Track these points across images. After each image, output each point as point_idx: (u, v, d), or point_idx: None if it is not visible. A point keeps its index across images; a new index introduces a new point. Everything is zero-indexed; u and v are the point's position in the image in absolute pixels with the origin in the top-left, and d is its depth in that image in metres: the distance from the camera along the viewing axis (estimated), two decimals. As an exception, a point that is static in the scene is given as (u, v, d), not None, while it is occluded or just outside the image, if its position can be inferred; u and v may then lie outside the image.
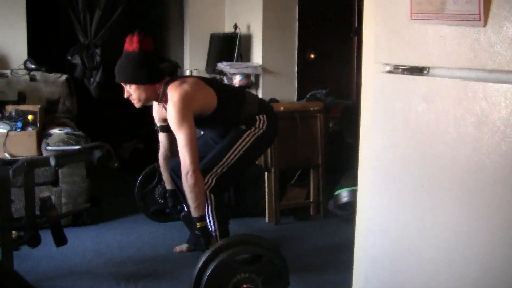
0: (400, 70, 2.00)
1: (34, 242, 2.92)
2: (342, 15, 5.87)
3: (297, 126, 4.49)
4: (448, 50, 1.75)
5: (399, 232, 2.04)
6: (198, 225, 3.15)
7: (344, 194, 4.21)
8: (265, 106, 3.64)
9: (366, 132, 2.26)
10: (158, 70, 3.35)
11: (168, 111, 3.22)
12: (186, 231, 3.86)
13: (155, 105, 3.54)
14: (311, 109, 4.66)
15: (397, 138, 2.02)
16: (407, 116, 1.95)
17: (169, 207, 3.87)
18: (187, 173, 3.11)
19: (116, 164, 3.12)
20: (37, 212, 3.03)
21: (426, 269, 1.91)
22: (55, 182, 4.17)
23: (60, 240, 2.98)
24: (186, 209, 3.54)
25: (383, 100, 2.09)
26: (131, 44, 3.26)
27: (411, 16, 1.86)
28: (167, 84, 3.28)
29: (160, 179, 3.99)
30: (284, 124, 3.81)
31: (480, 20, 1.59)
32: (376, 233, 2.19)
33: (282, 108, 4.46)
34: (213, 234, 3.32)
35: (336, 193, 4.35)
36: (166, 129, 3.54)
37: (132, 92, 3.29)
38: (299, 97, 5.32)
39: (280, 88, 5.29)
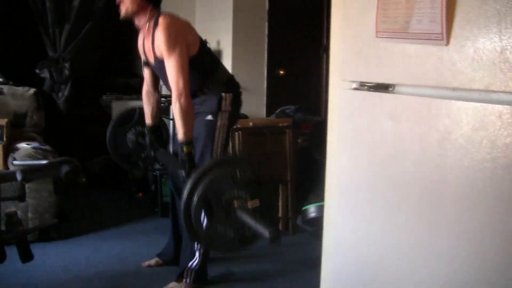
0: (366, 87, 2.02)
1: (0, 258, 2.88)
2: (311, 32, 5.92)
3: (266, 141, 4.52)
4: (412, 68, 1.78)
5: (365, 248, 2.06)
6: (185, 149, 3.10)
7: (311, 210, 4.24)
8: (233, 84, 3.60)
9: (332, 149, 2.28)
10: None
11: (157, 35, 3.19)
12: (154, 247, 3.85)
13: (141, 38, 3.50)
14: (280, 125, 4.69)
15: (363, 154, 2.04)
16: (373, 133, 1.97)
17: (146, 143, 3.74)
18: (180, 95, 3.09)
19: (83, 180, 3.09)
20: (3, 228, 2.99)
21: (391, 283, 1.93)
22: (21, 197, 4.09)
23: (26, 256, 2.93)
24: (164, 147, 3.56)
25: (349, 117, 2.12)
26: None
27: (376, 35, 1.90)
28: (159, 15, 3.26)
29: (135, 123, 3.88)
30: (253, 140, 3.83)
31: (442, 39, 1.63)
32: (343, 249, 2.20)
33: (251, 123, 4.48)
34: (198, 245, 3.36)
35: (304, 208, 4.38)
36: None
37: None
38: (269, 113, 5.35)
39: (250, 103, 5.29)
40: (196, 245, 3.40)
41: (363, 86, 2.04)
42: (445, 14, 1.62)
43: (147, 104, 3.72)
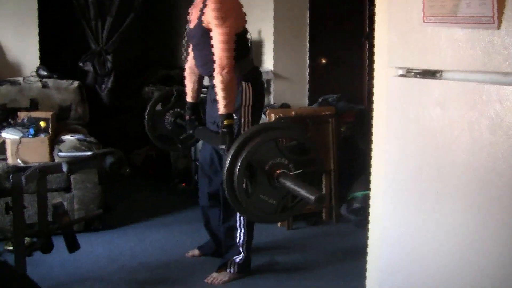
0: (413, 74, 1.98)
1: (47, 248, 2.93)
2: (353, 20, 5.85)
3: (308, 131, 4.48)
4: (461, 53, 1.73)
5: (413, 239, 2.02)
6: (226, 122, 3.06)
7: (357, 199, 4.20)
8: (256, 74, 3.52)
9: (378, 137, 2.24)
10: None
11: (210, 4, 3.14)
12: (197, 236, 3.86)
13: (193, 5, 3.44)
14: (323, 114, 4.65)
15: (411, 143, 2.00)
16: (420, 121, 1.93)
17: (186, 120, 3.71)
18: (223, 69, 3.06)
19: (128, 171, 3.11)
20: (50, 218, 3.04)
21: (441, 278, 1.88)
22: (67, 188, 4.19)
23: (73, 246, 2.98)
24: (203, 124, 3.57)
25: (396, 104, 2.07)
26: None
27: (423, 20, 1.85)
28: None
29: (173, 105, 3.88)
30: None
31: (493, 22, 1.58)
32: (390, 240, 2.16)
33: (293, 113, 4.45)
34: (241, 240, 3.41)
35: (349, 197, 4.34)
36: None
37: None
38: (311, 102, 5.31)
39: (292, 93, 5.29)
40: (239, 230, 3.39)
41: (409, 72, 2.00)
42: (496, -4, 1.56)
43: (189, 81, 3.68)
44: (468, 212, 1.74)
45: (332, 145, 4.62)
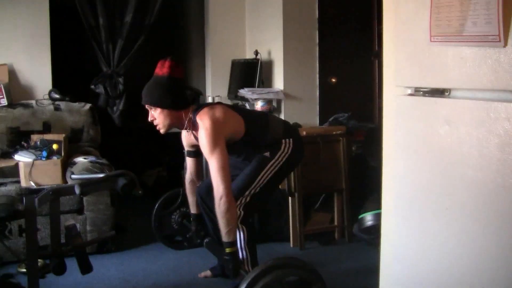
0: (421, 93, 1.99)
1: (60, 270, 2.94)
2: (362, 38, 5.86)
3: (320, 150, 4.49)
4: (468, 71, 1.75)
5: (424, 256, 2.02)
6: (228, 250, 3.12)
7: (368, 218, 4.19)
8: (291, 129, 3.65)
9: (388, 156, 2.25)
10: (185, 98, 3.34)
11: (200, 137, 3.22)
12: (209, 257, 3.86)
13: (184, 132, 3.55)
14: (334, 133, 4.66)
15: (420, 161, 2.01)
16: (429, 139, 1.94)
17: (192, 231, 3.84)
18: (221, 198, 3.09)
19: (140, 192, 3.12)
20: (63, 240, 3.05)
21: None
22: (80, 210, 4.20)
23: (86, 268, 2.99)
24: (210, 235, 3.54)
25: (404, 123, 2.08)
26: (161, 69, 3.29)
27: (430, 39, 1.87)
28: (195, 112, 3.28)
29: (180, 205, 3.99)
30: (307, 149, 3.81)
31: (500, 41, 1.59)
32: (402, 258, 2.16)
33: (304, 132, 4.47)
34: (244, 262, 3.35)
35: (360, 216, 4.32)
36: (194, 154, 3.57)
37: (157, 116, 3.30)
38: (322, 121, 5.31)
39: (302, 112, 5.30)
40: (241, 253, 3.40)
41: (418, 91, 2.01)
42: (501, 15, 1.58)
43: (190, 193, 3.75)
44: (477, 227, 1.75)
45: (343, 164, 4.62)
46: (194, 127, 3.30)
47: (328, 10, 5.48)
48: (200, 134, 3.20)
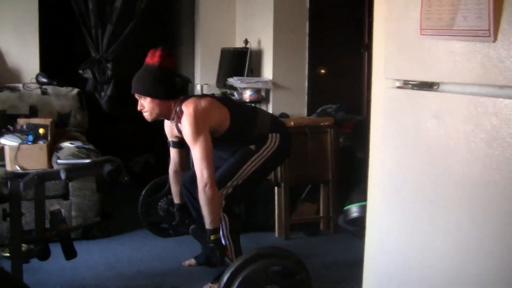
0: (410, 86, 1.99)
1: (44, 255, 2.92)
2: (352, 30, 5.87)
3: (307, 141, 4.50)
4: (458, 65, 1.75)
5: (409, 248, 2.03)
6: (212, 237, 3.14)
7: (354, 210, 4.20)
8: (279, 125, 3.65)
9: (375, 148, 2.25)
10: (175, 88, 3.32)
11: (183, 125, 3.22)
12: (194, 245, 3.86)
13: (167, 121, 3.54)
14: (322, 124, 4.66)
15: (407, 154, 2.01)
16: (417, 132, 1.94)
17: (176, 221, 3.83)
18: (205, 186, 3.10)
19: (126, 179, 3.12)
20: (47, 225, 3.04)
21: (437, 287, 1.89)
22: (65, 196, 4.19)
23: (70, 254, 2.98)
24: (196, 222, 3.54)
25: (392, 115, 2.08)
26: (152, 58, 3.27)
27: (420, 32, 1.86)
28: (182, 102, 3.28)
29: (167, 193, 3.98)
30: (294, 140, 3.81)
31: (490, 36, 1.59)
32: (386, 251, 2.17)
33: (292, 123, 4.47)
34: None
35: (345, 208, 4.34)
36: (177, 144, 3.56)
37: (146, 105, 3.29)
38: (310, 112, 5.32)
39: (291, 103, 5.30)
40: (224, 241, 3.41)
41: (406, 84, 2.01)
42: (492, 10, 1.58)
43: (174, 184, 3.74)
44: (462, 221, 1.75)
45: (330, 155, 4.63)
46: (178, 118, 3.28)
47: (320, 1, 5.48)
48: (184, 122, 3.20)
